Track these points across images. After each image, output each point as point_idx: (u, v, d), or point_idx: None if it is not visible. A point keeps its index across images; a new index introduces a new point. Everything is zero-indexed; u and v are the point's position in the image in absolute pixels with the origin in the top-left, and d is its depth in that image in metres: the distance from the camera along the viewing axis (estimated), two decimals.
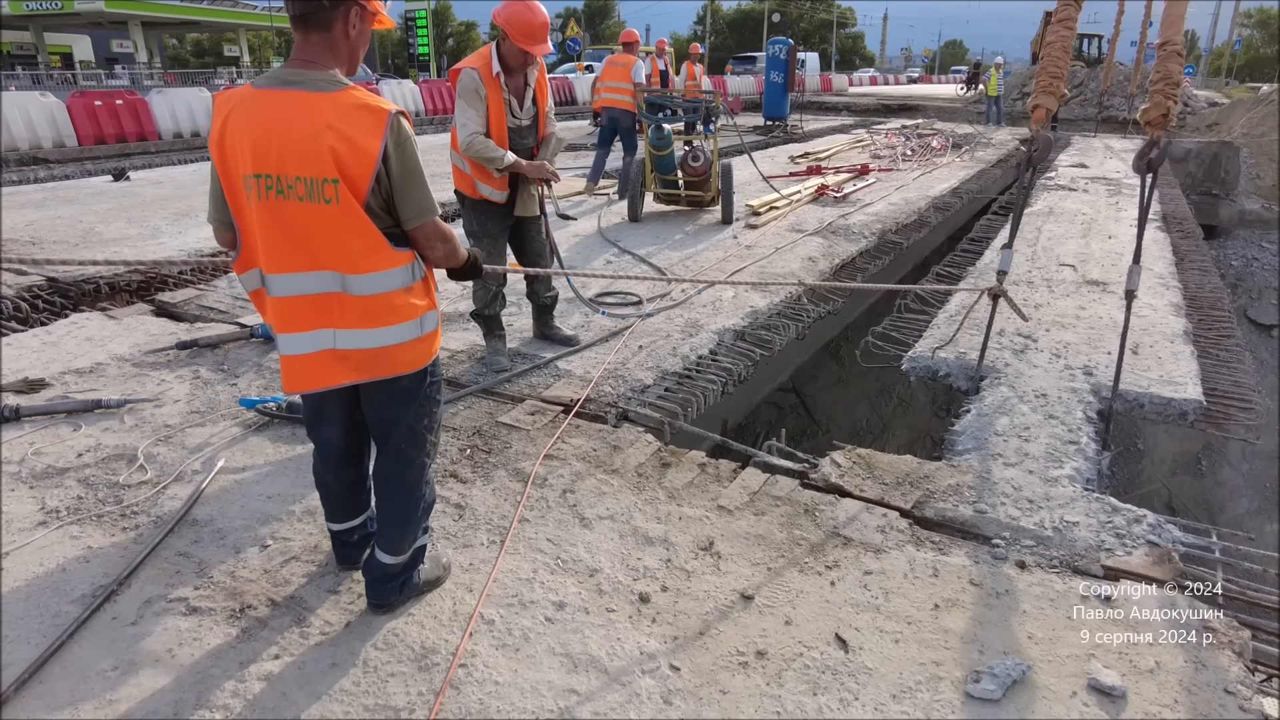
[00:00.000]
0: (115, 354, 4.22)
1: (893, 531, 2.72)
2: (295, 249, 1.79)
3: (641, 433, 3.29)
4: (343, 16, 1.76)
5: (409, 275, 1.89)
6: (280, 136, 1.71)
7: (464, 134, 3.55)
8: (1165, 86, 3.73)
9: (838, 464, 3.13)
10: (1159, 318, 4.98)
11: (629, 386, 3.75)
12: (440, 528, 2.66)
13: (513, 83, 3.64)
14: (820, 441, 9.23)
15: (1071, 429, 3.50)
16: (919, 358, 4.32)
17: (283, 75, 1.76)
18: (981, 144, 14.83)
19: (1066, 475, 3.12)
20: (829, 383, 10.24)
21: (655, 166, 7.50)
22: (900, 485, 3.03)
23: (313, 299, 1.83)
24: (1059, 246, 6.96)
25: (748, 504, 2.83)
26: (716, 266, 5.93)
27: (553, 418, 3.42)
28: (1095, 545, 2.65)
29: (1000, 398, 3.81)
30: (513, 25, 3.45)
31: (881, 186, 9.80)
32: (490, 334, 4.01)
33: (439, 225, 1.91)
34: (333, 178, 1.71)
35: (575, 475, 2.95)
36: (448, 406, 3.53)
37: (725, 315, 4.77)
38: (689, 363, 4.13)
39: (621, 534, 2.63)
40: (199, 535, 2.64)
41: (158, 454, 3.16)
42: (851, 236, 7.03)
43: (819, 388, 10.04)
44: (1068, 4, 4.09)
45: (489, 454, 3.13)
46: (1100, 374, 4.11)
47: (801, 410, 9.86)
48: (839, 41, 71.31)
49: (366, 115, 1.73)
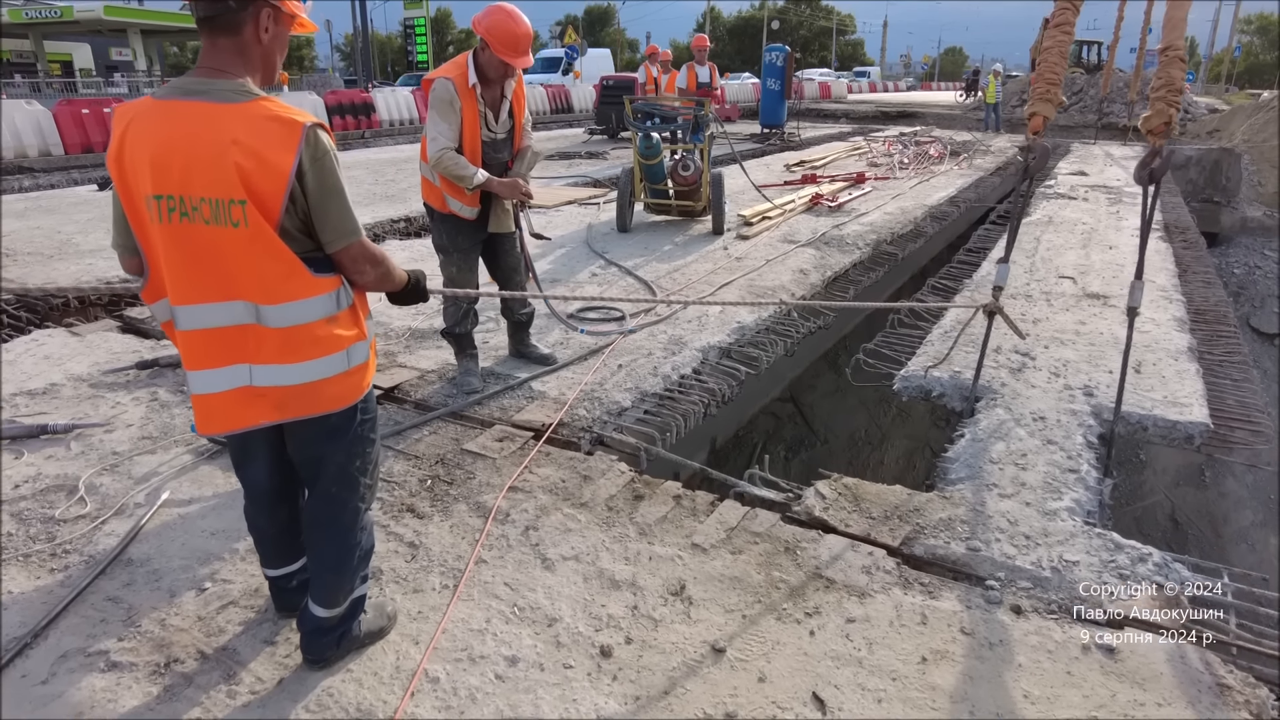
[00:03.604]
0: (73, 374, 4.04)
1: (879, 572, 2.53)
2: (203, 277, 1.61)
3: (615, 461, 3.10)
4: (253, 19, 1.58)
5: (332, 303, 1.71)
6: (182, 153, 1.53)
7: (434, 148, 3.37)
8: (1167, 93, 3.56)
9: (823, 495, 2.94)
10: (1162, 334, 4.79)
11: (605, 409, 3.56)
12: (390, 569, 2.47)
13: (489, 94, 3.47)
14: (819, 452, 9.05)
15: (1071, 455, 3.31)
16: (911, 377, 4.13)
17: (186, 85, 1.58)
18: (980, 151, 14.67)
19: (1066, 508, 2.92)
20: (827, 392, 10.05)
21: (644, 175, 7.34)
22: (889, 519, 2.83)
23: (225, 332, 1.65)
24: (1058, 257, 6.77)
25: (724, 541, 2.64)
26: (705, 279, 5.75)
27: (522, 444, 3.23)
28: (1097, 587, 2.45)
29: (996, 421, 3.62)
30: (494, 34, 3.28)
31: (878, 195, 9.63)
32: (461, 353, 3.82)
33: (366, 247, 1.72)
34: (239, 198, 1.53)
35: (540, 510, 2.76)
36: (412, 432, 3.35)
37: (711, 331, 4.59)
38: (670, 383, 3.94)
39: (586, 576, 2.44)
40: (132, 577, 2.46)
41: (101, 485, 2.98)
42: (845, 248, 6.85)
43: (817, 397, 9.86)
44: (1065, 8, 3.91)
45: (450, 485, 2.94)
46: (1101, 394, 3.92)
47: (799, 419, 9.68)
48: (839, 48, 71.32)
49: (277, 128, 1.55)
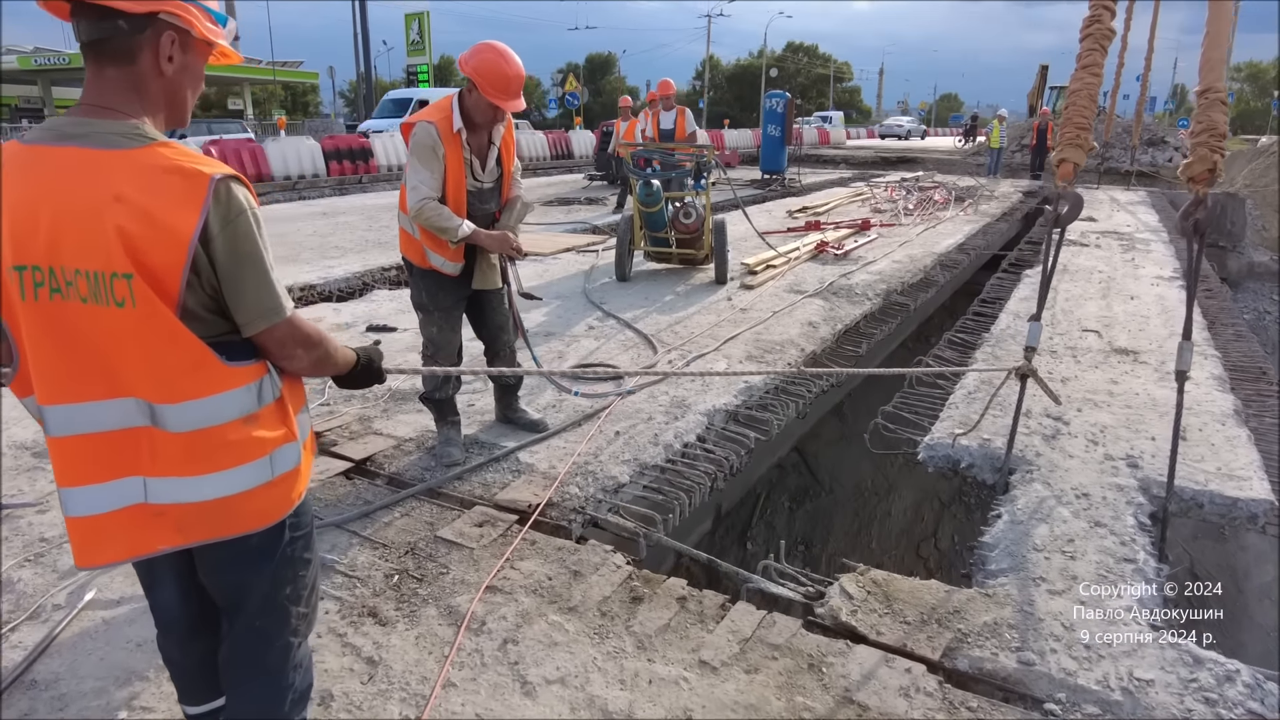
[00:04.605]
0: (17, 441, 3.67)
1: (919, 695, 2.14)
2: (81, 369, 1.27)
3: (610, 552, 2.72)
4: (151, 45, 1.26)
5: (251, 398, 1.36)
6: (51, 213, 1.20)
7: (414, 198, 3.06)
8: (1209, 138, 3.28)
9: (849, 594, 2.56)
10: (1203, 393, 4.44)
11: (600, 485, 3.19)
12: (343, 694, 2.08)
13: (475, 140, 3.17)
14: (824, 502, 8.63)
15: (1124, 541, 2.93)
16: (937, 446, 3.77)
17: (61, 126, 1.25)
18: (984, 197, 14.50)
19: (1127, 607, 2.54)
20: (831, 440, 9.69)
21: (645, 223, 7.07)
22: (926, 623, 2.45)
23: (110, 437, 1.30)
24: (1079, 309, 6.46)
25: (738, 656, 2.25)
26: (709, 332, 5.42)
27: (505, 530, 2.85)
28: (1180, 717, 2.06)
29: (1035, 498, 3.25)
30: (483, 75, 2.99)
31: (884, 242, 9.37)
32: (442, 420, 3.47)
33: (296, 326, 1.39)
34: (124, 271, 1.20)
35: (521, 616, 2.38)
36: (383, 514, 2.98)
37: (716, 392, 4.24)
38: (673, 452, 3.58)
39: (574, 705, 2.05)
40: (34, 704, 2.07)
41: (19, 580, 2.59)
42: (854, 298, 6.54)
43: (821, 445, 9.49)
44: (1092, 49, 3.65)
45: (420, 582, 2.55)
46: (1147, 465, 3.55)
47: (804, 469, 9.30)
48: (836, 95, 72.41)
49: (177, 182, 1.22)
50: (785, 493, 8.58)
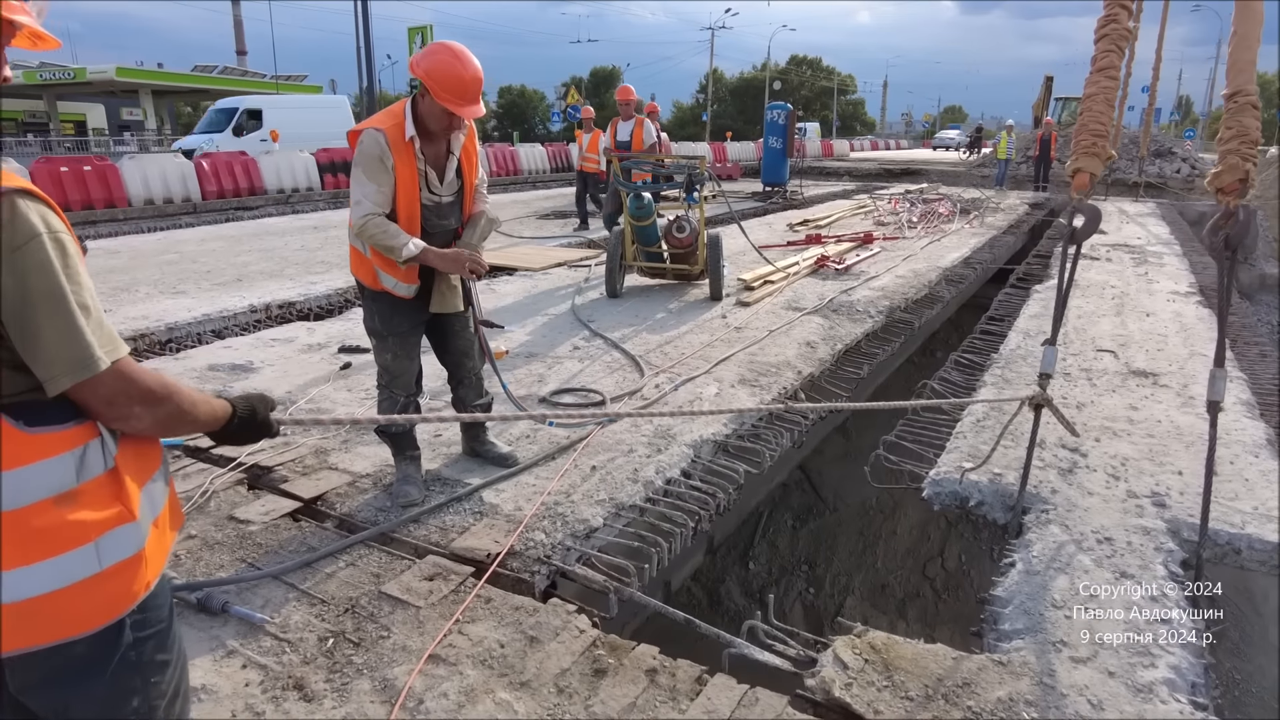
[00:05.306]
0: None
1: None
2: None
3: (572, 614, 2.40)
4: None
5: (67, 472, 1.07)
6: None
7: (357, 214, 2.78)
8: (1240, 145, 3.00)
9: (844, 664, 2.24)
10: (1232, 421, 4.12)
11: (570, 530, 2.88)
12: None
13: (431, 150, 2.89)
14: (828, 521, 8.30)
15: (1155, 596, 2.61)
16: (944, 481, 3.46)
17: None
18: (990, 209, 14.20)
19: (1163, 679, 2.22)
20: (835, 457, 9.38)
21: (637, 238, 6.79)
22: (931, 699, 2.13)
23: None
24: (1092, 327, 6.14)
25: None
26: (700, 353, 5.12)
27: (458, 584, 2.54)
28: None
29: (1053, 544, 2.93)
30: (436, 78, 2.71)
31: (887, 256, 9.07)
32: (400, 455, 3.17)
33: (128, 378, 1.09)
34: None
35: (465, 693, 2.07)
36: (326, 563, 2.67)
37: (704, 421, 3.93)
38: (654, 490, 3.27)
39: None
40: None
41: None
42: (856, 316, 6.23)
43: (825, 462, 9.18)
44: (1109, 50, 3.36)
45: (357, 648, 2.25)
46: (1174, 503, 3.24)
47: (807, 486, 8.99)
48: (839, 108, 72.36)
49: None
50: (788, 511, 8.26)
